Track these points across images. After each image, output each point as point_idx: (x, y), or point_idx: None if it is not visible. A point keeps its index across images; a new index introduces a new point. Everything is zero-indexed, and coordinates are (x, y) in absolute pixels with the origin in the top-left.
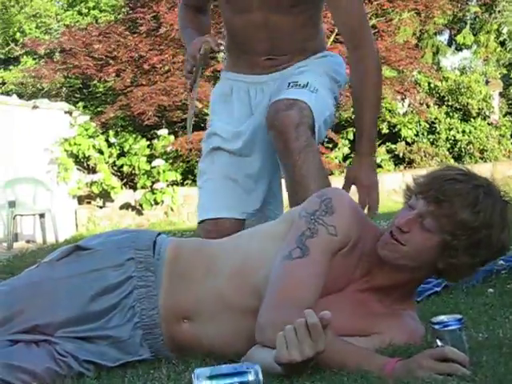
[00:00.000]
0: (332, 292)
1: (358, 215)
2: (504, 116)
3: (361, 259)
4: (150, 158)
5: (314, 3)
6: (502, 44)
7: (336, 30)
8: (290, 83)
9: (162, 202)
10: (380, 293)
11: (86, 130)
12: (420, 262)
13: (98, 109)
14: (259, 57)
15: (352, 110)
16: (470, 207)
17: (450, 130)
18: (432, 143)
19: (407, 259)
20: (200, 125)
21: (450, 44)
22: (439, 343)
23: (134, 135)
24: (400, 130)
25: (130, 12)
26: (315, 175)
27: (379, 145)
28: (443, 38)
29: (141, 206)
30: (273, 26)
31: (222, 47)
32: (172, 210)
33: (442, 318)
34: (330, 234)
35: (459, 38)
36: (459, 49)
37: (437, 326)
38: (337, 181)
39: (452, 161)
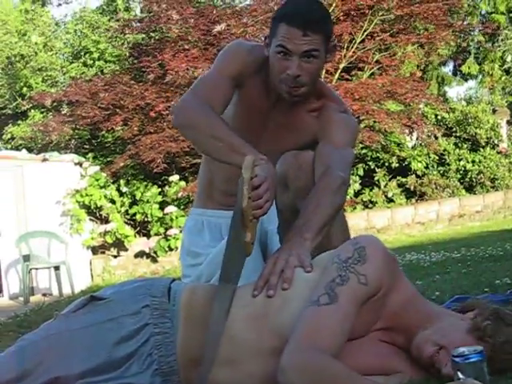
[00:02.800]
0: (356, 337)
1: (390, 266)
2: None
3: (388, 312)
4: (162, 204)
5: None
6: (507, 72)
7: (340, 68)
8: None
9: (176, 248)
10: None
11: (97, 180)
12: None
13: (108, 159)
14: (233, 197)
15: (360, 147)
16: None
17: (460, 160)
18: (442, 175)
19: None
20: None
21: (455, 74)
22: (461, 376)
23: (144, 183)
24: (410, 163)
25: (135, 62)
26: None
27: (390, 179)
28: (448, 68)
29: (155, 253)
30: None
31: None
32: None
33: (463, 350)
34: (361, 283)
35: (464, 68)
36: (465, 79)
37: (458, 359)
38: (350, 217)
39: (463, 191)
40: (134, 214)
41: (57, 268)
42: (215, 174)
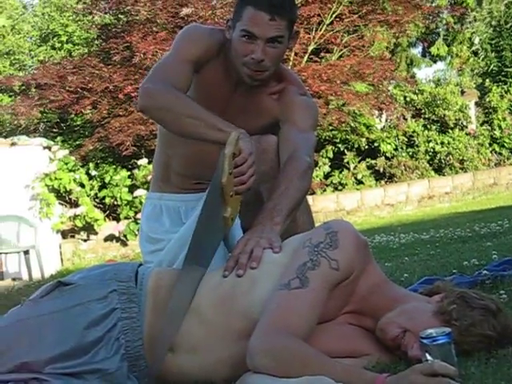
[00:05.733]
0: (325, 321)
1: (361, 251)
2: (481, 125)
3: (357, 296)
4: (132, 188)
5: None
6: (475, 54)
7: (309, 50)
8: None
9: None
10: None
11: (66, 164)
12: None
13: (77, 142)
14: (190, 180)
15: (330, 129)
16: None
17: (429, 142)
18: (412, 156)
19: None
20: None
21: (423, 56)
22: (428, 357)
23: (114, 166)
24: (379, 145)
25: (103, 44)
26: None
27: (359, 161)
28: (417, 50)
29: (125, 236)
30: None
31: None
32: None
33: (431, 331)
34: (332, 268)
35: (433, 50)
36: (433, 60)
37: (426, 341)
38: (319, 199)
39: (432, 173)
40: (104, 198)
41: (26, 252)
42: (172, 158)
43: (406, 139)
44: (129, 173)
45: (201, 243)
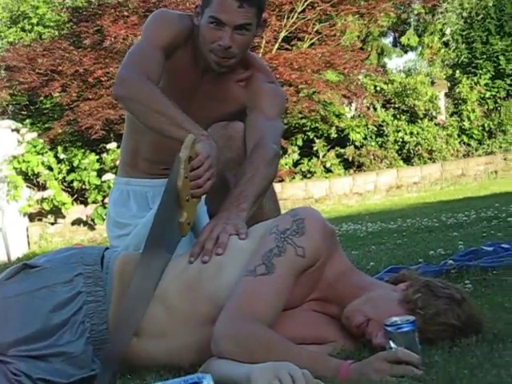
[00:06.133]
0: (291, 307)
1: (328, 239)
2: (450, 116)
3: (323, 283)
4: (100, 172)
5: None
6: (446, 45)
7: (280, 38)
8: None
9: None
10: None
11: (35, 146)
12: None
13: (46, 125)
14: (158, 166)
15: (300, 117)
16: None
17: (398, 132)
18: (381, 146)
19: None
20: None
21: (395, 46)
22: (392, 345)
23: (82, 150)
24: (348, 134)
25: (74, 27)
26: None
27: (328, 150)
28: (388, 40)
29: (93, 220)
30: None
31: None
32: None
33: (395, 319)
34: (298, 255)
35: (404, 40)
36: (404, 50)
37: (390, 328)
38: (288, 187)
39: (401, 163)
40: (72, 182)
41: None
42: (140, 144)
43: (376, 128)
44: (97, 157)
45: (163, 231)
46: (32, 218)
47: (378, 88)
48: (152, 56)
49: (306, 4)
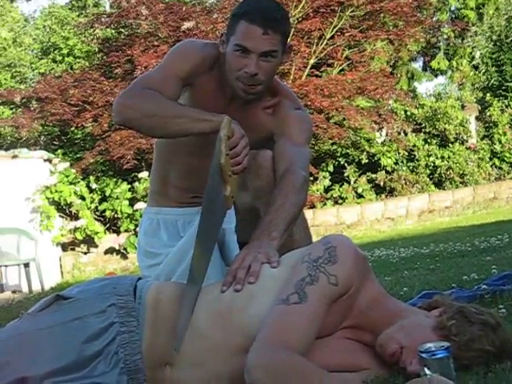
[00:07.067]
0: (323, 336)
1: (360, 266)
2: (481, 139)
3: (355, 310)
4: (132, 201)
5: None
6: (476, 68)
7: (310, 65)
8: None
9: None
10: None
11: (67, 176)
12: None
13: (78, 155)
14: (188, 193)
15: (330, 143)
16: None
17: (429, 156)
18: (412, 171)
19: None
20: None
21: (424, 70)
22: (427, 371)
23: (114, 179)
24: (379, 159)
25: (105, 57)
26: None
27: (360, 175)
28: (417, 64)
29: (125, 249)
30: None
31: None
32: None
33: (430, 345)
34: (331, 284)
35: (434, 64)
36: (434, 74)
37: (424, 355)
38: (320, 213)
39: (433, 187)
40: (104, 211)
41: (26, 265)
42: (170, 171)
43: (407, 153)
44: (129, 186)
45: (198, 264)
46: (65, 247)
47: (409, 113)
48: (164, 81)
49: (334, 30)
